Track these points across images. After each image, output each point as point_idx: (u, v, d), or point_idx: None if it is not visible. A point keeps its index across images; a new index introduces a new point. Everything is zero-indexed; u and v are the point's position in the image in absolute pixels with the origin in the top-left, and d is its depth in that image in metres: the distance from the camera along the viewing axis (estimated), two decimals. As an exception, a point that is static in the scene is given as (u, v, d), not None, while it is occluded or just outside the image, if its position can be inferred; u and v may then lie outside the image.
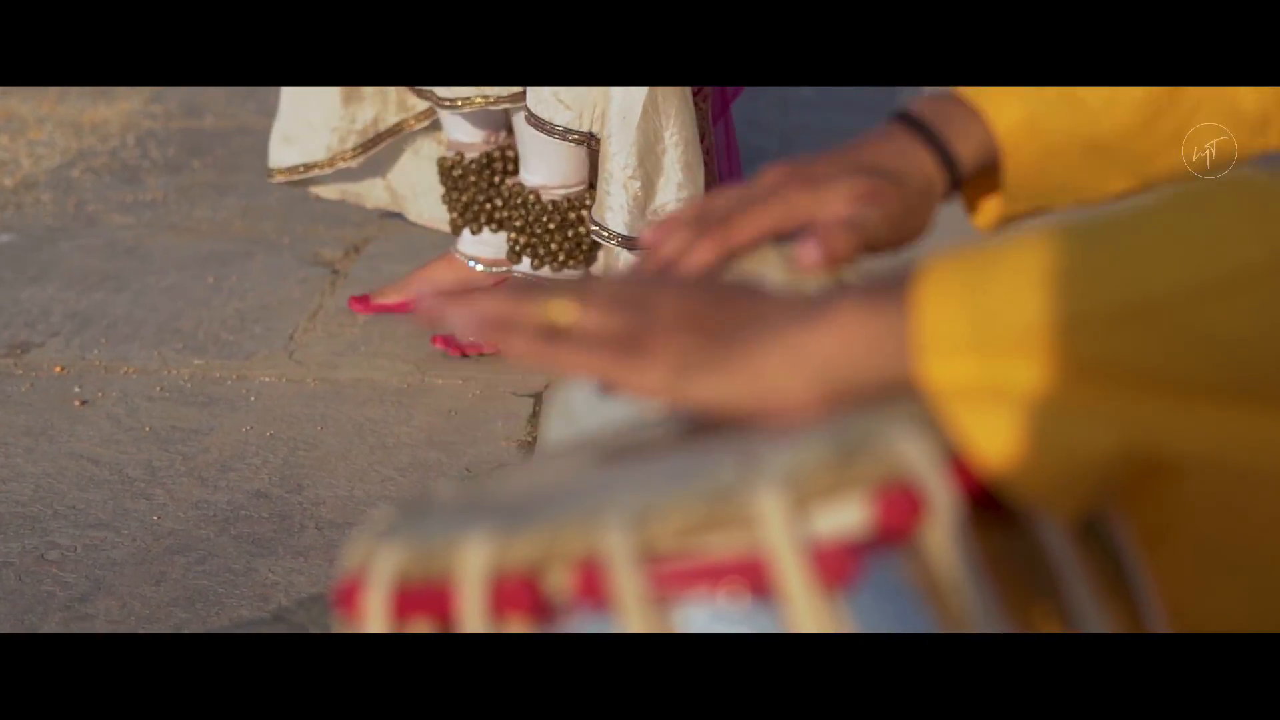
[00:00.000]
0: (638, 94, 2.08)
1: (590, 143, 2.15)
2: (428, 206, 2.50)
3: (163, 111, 3.54)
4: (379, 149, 2.40)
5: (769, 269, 0.75)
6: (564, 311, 0.65)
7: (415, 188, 2.49)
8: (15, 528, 1.81)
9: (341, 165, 2.38)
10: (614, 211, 2.12)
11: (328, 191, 2.47)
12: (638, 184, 2.11)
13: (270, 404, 2.14)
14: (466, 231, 2.37)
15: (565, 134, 2.13)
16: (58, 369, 2.24)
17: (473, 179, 2.34)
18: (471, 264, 2.38)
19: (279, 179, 2.41)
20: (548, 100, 2.12)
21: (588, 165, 2.25)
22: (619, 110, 2.10)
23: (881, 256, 0.78)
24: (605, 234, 2.14)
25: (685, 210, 0.77)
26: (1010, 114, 0.83)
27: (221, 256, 2.68)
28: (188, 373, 2.24)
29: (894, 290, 0.59)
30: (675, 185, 2.13)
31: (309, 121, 2.35)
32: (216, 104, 3.59)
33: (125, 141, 3.34)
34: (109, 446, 2.01)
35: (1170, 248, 0.56)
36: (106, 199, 2.99)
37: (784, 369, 0.60)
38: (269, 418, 2.09)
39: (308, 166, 2.37)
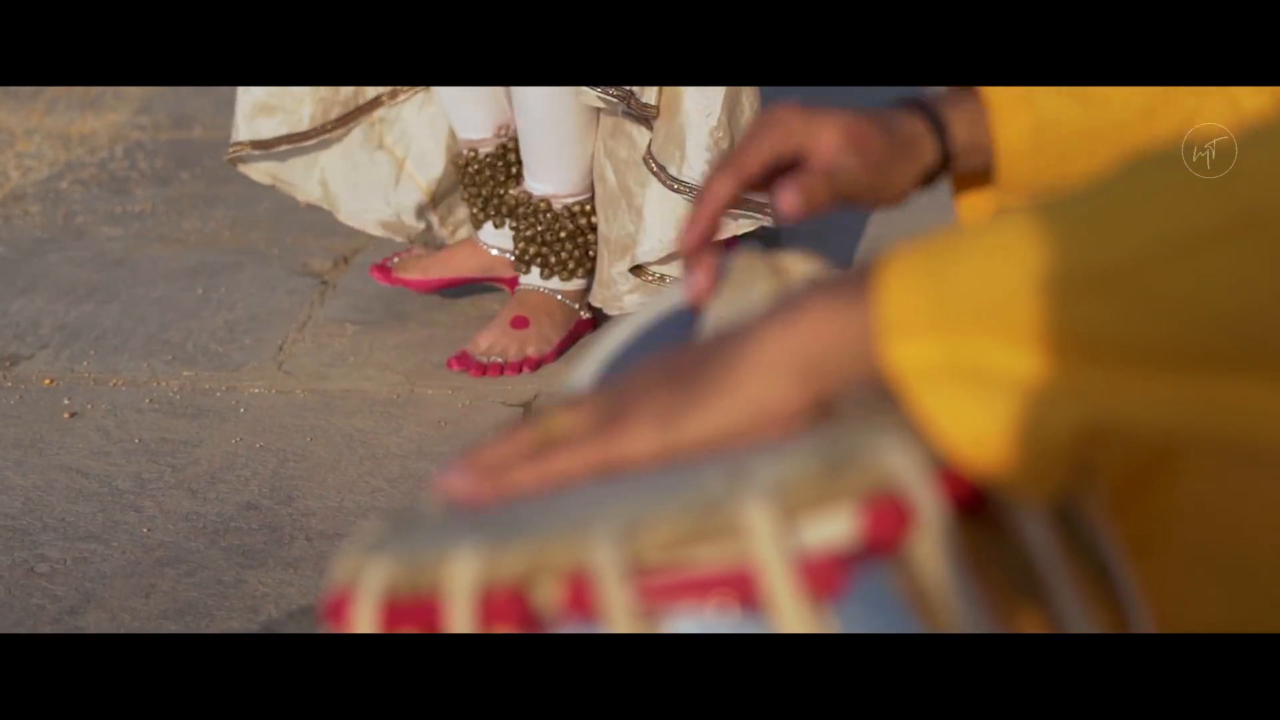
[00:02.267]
0: None
1: (630, 102, 2.09)
2: (359, 208, 2.44)
3: (151, 123, 3.54)
4: (357, 124, 2.37)
5: (757, 280, 0.76)
6: (559, 424, 0.64)
7: (349, 187, 2.43)
8: (4, 540, 1.81)
9: (322, 137, 2.34)
10: (695, 168, 2.10)
11: (260, 175, 2.38)
12: (725, 139, 2.11)
13: (260, 415, 2.13)
14: (489, 224, 2.38)
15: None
16: (47, 381, 2.24)
17: (488, 173, 2.34)
18: (495, 251, 2.38)
19: (245, 152, 2.32)
20: None
21: (592, 172, 2.25)
22: None
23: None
24: (688, 190, 2.10)
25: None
26: (1005, 91, 0.86)
27: (210, 267, 2.68)
28: (177, 384, 2.23)
29: (859, 280, 0.59)
30: None
31: (291, 91, 2.32)
32: (205, 115, 3.58)
33: (114, 153, 3.33)
34: (98, 459, 2.01)
35: (1134, 211, 0.55)
36: (95, 210, 2.98)
37: (764, 376, 0.60)
38: (258, 429, 2.09)
39: (288, 138, 2.33)
